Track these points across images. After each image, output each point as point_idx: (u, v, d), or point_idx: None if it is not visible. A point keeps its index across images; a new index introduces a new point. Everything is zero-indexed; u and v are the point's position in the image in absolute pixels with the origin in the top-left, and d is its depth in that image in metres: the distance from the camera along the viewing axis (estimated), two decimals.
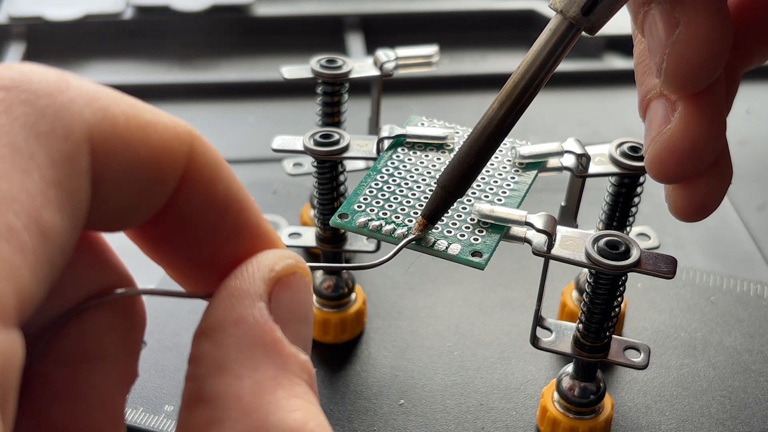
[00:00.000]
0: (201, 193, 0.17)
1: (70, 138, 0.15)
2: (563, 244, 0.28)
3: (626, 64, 0.58)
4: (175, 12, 0.60)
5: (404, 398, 0.34)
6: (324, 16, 0.62)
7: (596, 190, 0.36)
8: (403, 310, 0.39)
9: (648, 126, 0.26)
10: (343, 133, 0.32)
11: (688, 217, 0.26)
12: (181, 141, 0.17)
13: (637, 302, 0.39)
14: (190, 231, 0.18)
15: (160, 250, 0.18)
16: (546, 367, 0.36)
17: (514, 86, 0.24)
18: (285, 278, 0.18)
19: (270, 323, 0.17)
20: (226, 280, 0.18)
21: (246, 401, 0.16)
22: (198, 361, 0.17)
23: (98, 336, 0.18)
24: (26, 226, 0.14)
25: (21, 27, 0.58)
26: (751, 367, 0.36)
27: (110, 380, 0.18)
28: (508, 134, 0.25)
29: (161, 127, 0.16)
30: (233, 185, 0.18)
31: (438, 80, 0.56)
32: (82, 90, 0.16)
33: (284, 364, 0.16)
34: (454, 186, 0.26)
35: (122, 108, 0.16)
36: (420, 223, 0.27)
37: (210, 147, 0.18)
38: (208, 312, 0.17)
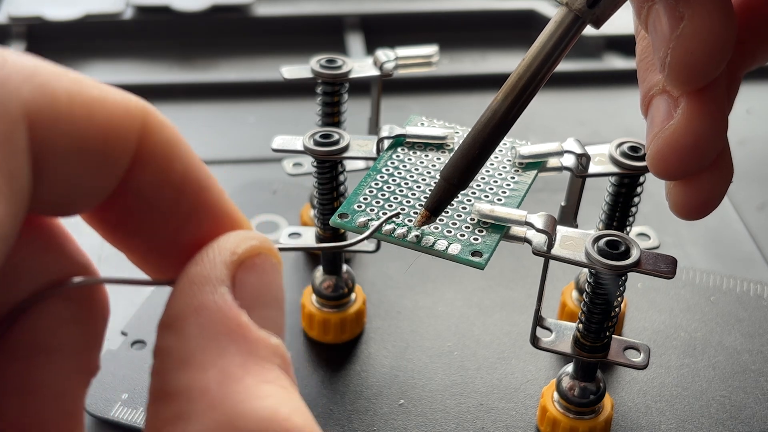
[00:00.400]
0: (156, 173, 0.16)
1: (5, 117, 0.14)
2: (563, 244, 0.28)
3: (626, 64, 0.58)
4: (175, 12, 0.60)
5: (404, 398, 0.34)
6: (324, 16, 0.62)
7: (596, 190, 0.36)
8: (403, 310, 0.39)
9: (650, 122, 0.25)
10: (343, 133, 0.32)
11: (688, 214, 0.26)
12: (131, 118, 0.16)
13: (637, 302, 0.39)
14: (147, 213, 0.17)
15: (118, 233, 0.18)
16: (546, 367, 0.36)
17: (518, 79, 0.24)
18: (249, 260, 0.17)
19: (234, 308, 0.16)
20: (186, 267, 0.17)
21: (212, 392, 0.15)
22: (161, 354, 0.16)
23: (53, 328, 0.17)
24: None
25: (21, 27, 0.58)
26: (751, 367, 0.36)
27: (66, 373, 0.17)
28: (511, 127, 0.25)
29: (109, 103, 0.16)
30: (191, 164, 0.17)
31: (438, 80, 0.56)
32: (20, 65, 0.15)
33: (252, 349, 0.16)
34: (458, 178, 0.26)
35: (64, 84, 0.15)
36: (423, 215, 0.27)
37: (166, 124, 0.17)
38: (169, 302, 0.17)
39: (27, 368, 0.17)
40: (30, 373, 0.17)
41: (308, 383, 0.35)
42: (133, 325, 0.37)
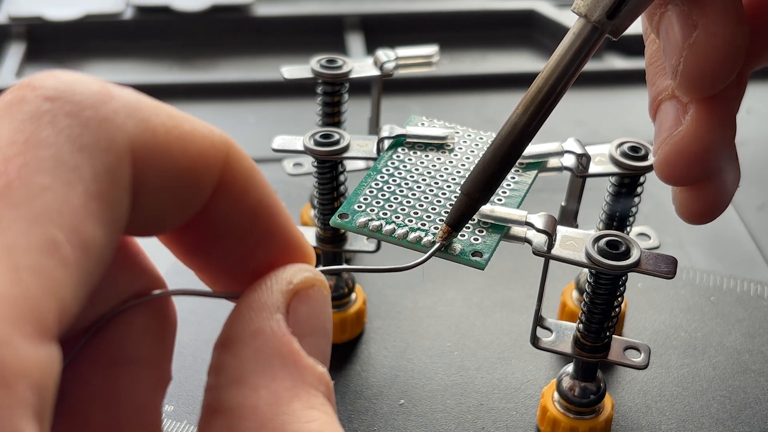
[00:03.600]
0: (234, 200, 0.17)
1: (113, 150, 0.15)
2: (563, 244, 0.28)
3: (626, 64, 0.58)
4: (175, 12, 0.60)
5: (404, 398, 0.34)
6: (324, 16, 0.62)
7: (596, 190, 0.36)
8: (403, 310, 0.39)
9: (658, 127, 0.25)
10: (343, 133, 0.32)
11: (695, 219, 0.26)
12: (217, 151, 0.17)
13: (637, 302, 0.39)
14: (222, 236, 0.18)
15: (192, 254, 0.19)
16: (546, 367, 0.36)
17: (537, 91, 0.24)
18: (303, 291, 0.18)
19: (287, 335, 0.17)
20: (245, 293, 0.18)
21: (262, 412, 0.16)
22: (217, 371, 0.17)
23: (134, 339, 0.18)
24: (69, 240, 0.14)
25: (21, 27, 0.58)
26: (751, 367, 0.36)
27: (146, 383, 0.18)
28: (532, 140, 0.25)
29: (198, 137, 0.17)
30: (265, 192, 0.18)
31: (438, 80, 0.56)
32: (124, 101, 0.16)
33: (301, 375, 0.17)
34: (478, 193, 0.26)
35: (162, 119, 0.16)
36: (444, 231, 0.27)
37: (244, 155, 0.18)
38: (227, 324, 0.18)
39: (111, 378, 0.17)
40: (114, 383, 0.17)
41: None
42: None
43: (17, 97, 0.15)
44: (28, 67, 0.57)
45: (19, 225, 0.13)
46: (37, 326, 0.13)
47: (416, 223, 0.28)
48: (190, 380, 0.35)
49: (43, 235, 0.14)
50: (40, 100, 0.15)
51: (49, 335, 0.13)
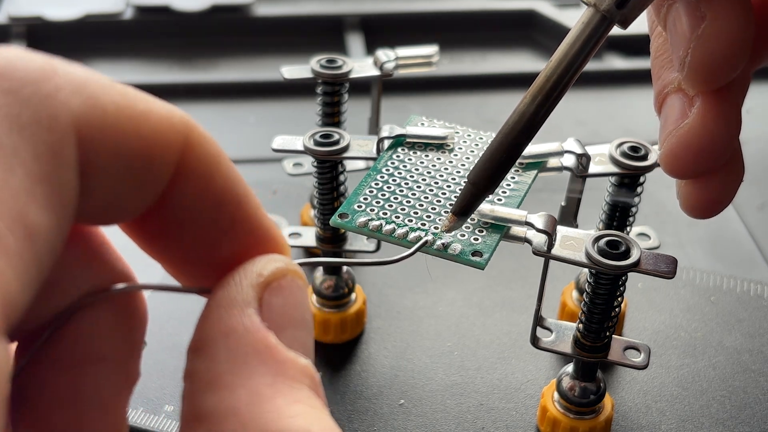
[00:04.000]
0: (197, 186, 0.17)
1: (55, 129, 0.14)
2: (563, 244, 0.28)
3: (626, 64, 0.58)
4: (175, 12, 0.60)
5: (404, 398, 0.34)
6: (324, 16, 0.62)
7: (596, 190, 0.36)
8: (403, 310, 0.39)
9: (664, 121, 0.25)
10: (343, 133, 0.32)
11: (699, 213, 0.26)
12: (175, 132, 0.16)
13: (637, 302, 0.39)
14: (186, 225, 0.17)
15: (156, 244, 0.18)
16: (546, 367, 0.36)
17: (546, 80, 0.24)
18: (275, 282, 0.17)
19: (262, 330, 0.16)
20: (214, 290, 0.17)
21: (242, 413, 0.15)
22: (191, 377, 0.16)
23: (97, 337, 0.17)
24: (10, 228, 0.13)
25: (21, 27, 0.58)
26: (751, 367, 0.36)
27: (111, 382, 0.17)
28: (539, 129, 0.25)
29: (154, 117, 0.16)
30: (232, 178, 0.17)
31: (438, 80, 0.56)
32: (70, 77, 0.15)
33: (281, 369, 0.16)
34: (485, 182, 0.25)
35: (113, 97, 0.15)
36: (450, 220, 0.26)
37: (208, 138, 0.17)
38: (198, 326, 0.17)
39: (72, 378, 0.17)
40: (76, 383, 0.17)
41: None
42: None
43: None
44: None
45: None
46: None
47: (416, 222, 0.28)
48: None
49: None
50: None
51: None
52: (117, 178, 0.15)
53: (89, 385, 0.17)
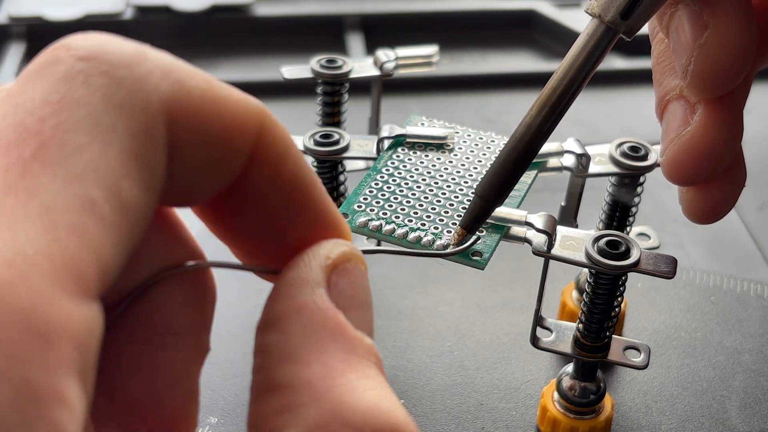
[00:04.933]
0: (269, 171, 0.17)
1: (148, 110, 0.15)
2: (563, 244, 0.28)
3: (626, 64, 0.58)
4: (175, 12, 0.60)
5: (404, 398, 0.34)
6: (324, 16, 0.62)
7: (596, 190, 0.36)
8: (403, 310, 0.39)
9: (665, 127, 0.25)
10: (343, 133, 0.32)
11: (702, 219, 0.26)
12: (252, 117, 0.17)
13: (637, 302, 0.39)
14: (257, 209, 0.17)
15: (226, 227, 0.18)
16: (546, 367, 0.36)
17: (552, 92, 0.24)
18: (341, 265, 0.18)
19: (332, 308, 0.17)
20: (284, 271, 0.17)
21: (317, 385, 0.16)
22: (264, 351, 0.17)
23: (171, 310, 0.18)
24: (107, 198, 0.14)
25: (21, 27, 0.58)
26: (751, 367, 0.36)
27: (184, 354, 0.18)
28: (546, 141, 0.25)
29: (233, 102, 0.16)
30: (301, 165, 0.18)
31: (438, 80, 0.56)
32: (159, 62, 0.15)
33: (351, 347, 0.16)
34: (493, 195, 0.25)
35: (197, 81, 0.16)
36: (459, 234, 0.26)
37: (280, 125, 0.17)
38: (268, 305, 0.17)
39: (149, 349, 0.17)
40: (151, 354, 0.17)
41: None
42: None
43: (51, 57, 0.15)
44: None
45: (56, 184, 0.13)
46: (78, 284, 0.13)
47: (416, 222, 0.28)
48: None
49: (80, 193, 0.13)
50: (73, 60, 0.15)
51: (90, 293, 0.13)
52: (200, 159, 0.16)
53: (164, 356, 0.17)
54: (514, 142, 0.25)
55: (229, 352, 0.36)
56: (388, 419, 0.15)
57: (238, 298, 0.39)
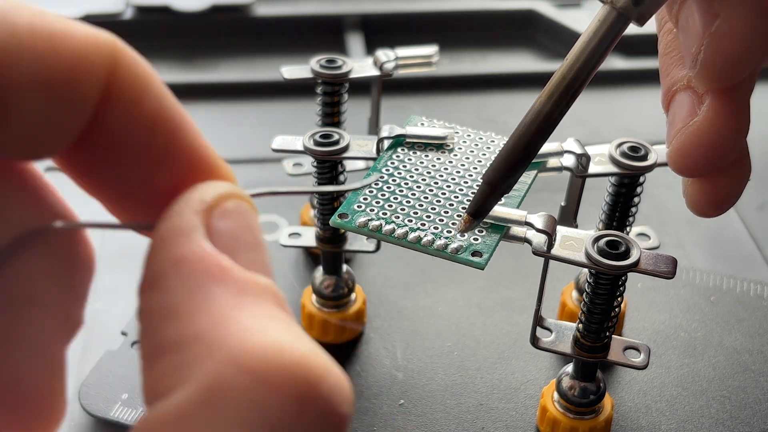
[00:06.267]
0: (126, 111, 0.15)
1: None
2: (563, 244, 0.28)
3: (626, 64, 0.58)
4: (175, 12, 0.60)
5: (404, 398, 0.34)
6: (324, 16, 0.62)
7: (596, 190, 0.36)
8: (403, 310, 0.39)
9: (672, 118, 0.25)
10: (342, 133, 0.32)
11: (706, 212, 0.26)
12: (99, 52, 0.15)
13: (637, 302, 0.39)
14: (119, 155, 0.16)
15: (91, 178, 0.17)
16: (546, 367, 0.36)
17: (561, 78, 0.24)
18: (219, 207, 0.16)
19: (214, 254, 0.15)
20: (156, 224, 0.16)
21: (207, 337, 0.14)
22: (146, 314, 0.15)
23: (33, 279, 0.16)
24: None
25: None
26: (751, 367, 0.36)
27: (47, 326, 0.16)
28: (555, 128, 0.25)
29: (75, 36, 0.15)
30: (164, 103, 0.16)
31: (438, 80, 0.56)
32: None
33: (241, 289, 0.15)
34: (501, 182, 0.25)
35: (25, 16, 0.14)
36: (466, 221, 0.26)
37: (137, 60, 0.16)
38: (145, 265, 0.16)
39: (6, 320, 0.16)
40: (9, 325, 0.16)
41: None
42: (134, 325, 0.37)
43: None
44: None
45: None
46: None
47: (416, 222, 0.28)
48: None
49: None
50: None
51: None
52: (37, 102, 0.14)
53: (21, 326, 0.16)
54: (523, 129, 0.24)
55: None
56: (292, 356, 0.14)
57: None
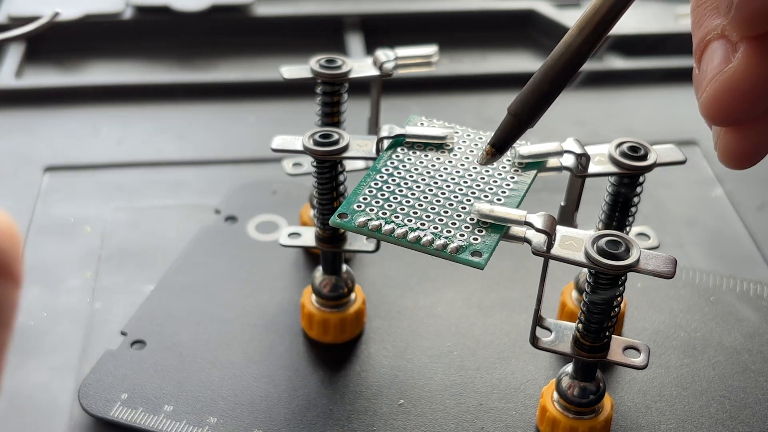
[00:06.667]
0: None
1: None
2: (563, 244, 0.28)
3: (626, 64, 0.58)
4: (175, 12, 0.60)
5: (404, 398, 0.34)
6: (324, 16, 0.62)
7: (596, 190, 0.36)
8: (403, 310, 0.39)
9: (705, 66, 0.25)
10: (342, 133, 0.32)
11: (738, 163, 0.26)
12: None
13: (637, 302, 0.39)
14: None
15: None
16: (546, 367, 0.36)
17: (594, 12, 0.24)
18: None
19: None
20: None
21: None
22: None
23: None
24: None
25: (21, 27, 0.58)
26: (751, 367, 0.36)
27: None
28: (585, 62, 0.24)
29: None
30: None
31: (438, 80, 0.56)
32: None
33: None
34: (527, 113, 0.25)
35: None
36: (487, 152, 0.26)
37: None
38: None
39: None
40: None
41: (308, 383, 0.35)
42: (133, 325, 0.37)
43: None
44: (28, 67, 0.57)
45: None
46: None
47: (415, 222, 0.28)
48: (189, 380, 0.35)
49: None
50: None
51: None
52: None
53: None
54: (552, 61, 0.24)
55: (229, 352, 0.36)
56: None
57: (237, 297, 0.39)
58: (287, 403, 0.34)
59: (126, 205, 0.45)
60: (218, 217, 0.44)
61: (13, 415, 0.34)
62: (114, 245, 0.42)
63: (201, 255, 0.41)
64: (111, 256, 0.42)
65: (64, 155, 0.49)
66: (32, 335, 0.37)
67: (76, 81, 0.56)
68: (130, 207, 0.45)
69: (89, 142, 0.50)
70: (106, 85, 0.54)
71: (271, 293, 0.39)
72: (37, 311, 0.38)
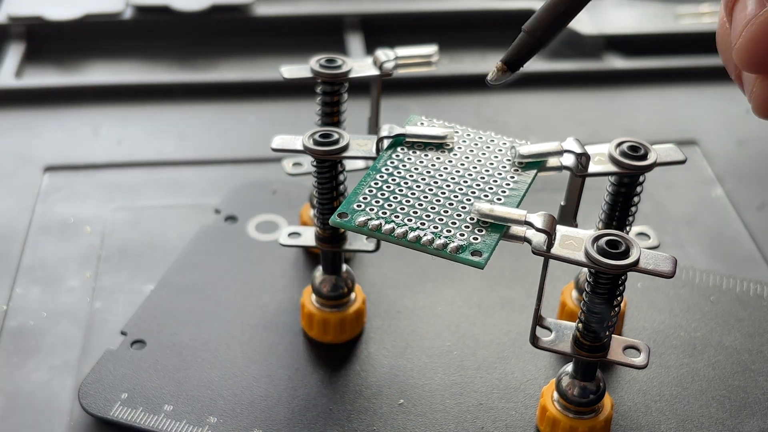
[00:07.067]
0: None
1: None
2: (563, 244, 0.27)
3: (626, 64, 0.58)
4: (175, 12, 0.60)
5: (404, 398, 0.34)
6: (324, 16, 0.62)
7: (596, 190, 0.36)
8: (403, 309, 0.39)
9: (737, 15, 0.24)
10: (342, 133, 0.32)
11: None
12: None
13: (637, 302, 0.39)
14: None
15: None
16: (546, 366, 0.36)
17: None
18: None
19: None
20: None
21: None
22: None
23: None
24: None
25: (21, 27, 0.58)
26: (751, 367, 0.36)
27: None
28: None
29: None
30: None
31: (438, 80, 0.56)
32: None
33: None
34: (541, 32, 0.25)
35: None
36: (499, 68, 0.26)
37: None
38: None
39: None
40: None
41: (308, 383, 0.35)
42: (133, 325, 0.37)
43: None
44: (28, 67, 0.57)
45: None
46: None
47: (415, 222, 0.28)
48: (189, 380, 0.35)
49: None
50: None
51: None
52: None
53: None
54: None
55: (228, 352, 0.36)
56: None
57: (237, 297, 0.39)
58: (287, 403, 0.34)
59: (126, 205, 0.45)
60: (218, 217, 0.44)
61: (13, 415, 0.34)
62: (114, 245, 0.42)
63: (201, 255, 0.41)
64: (111, 256, 0.42)
65: (64, 155, 0.49)
66: (32, 335, 0.37)
67: (75, 81, 0.56)
68: (130, 207, 0.45)
69: (89, 142, 0.50)
70: (106, 85, 0.54)
71: (271, 293, 0.39)
72: (37, 311, 0.38)
